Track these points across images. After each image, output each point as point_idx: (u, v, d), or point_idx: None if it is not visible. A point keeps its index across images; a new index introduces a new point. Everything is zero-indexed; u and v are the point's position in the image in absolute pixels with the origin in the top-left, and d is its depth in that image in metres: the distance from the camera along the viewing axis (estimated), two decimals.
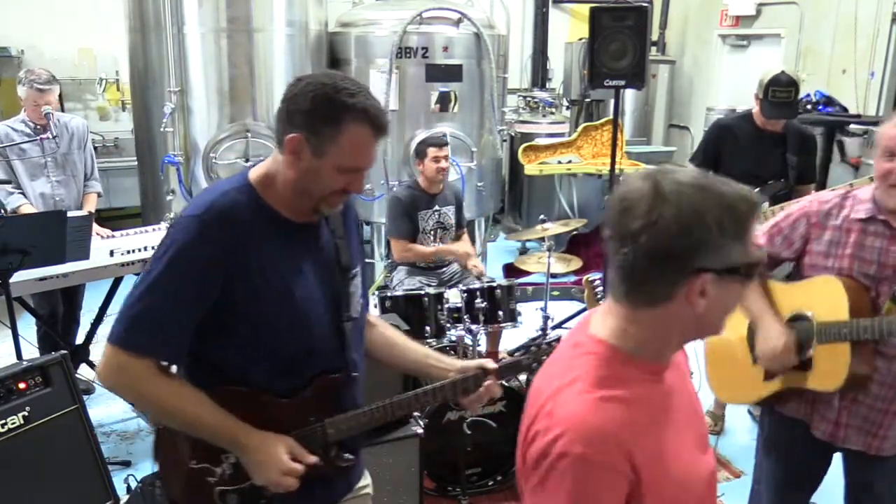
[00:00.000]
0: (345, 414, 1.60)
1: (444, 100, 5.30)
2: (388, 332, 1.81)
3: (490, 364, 1.72)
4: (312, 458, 1.51)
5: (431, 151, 3.87)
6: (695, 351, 4.04)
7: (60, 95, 6.44)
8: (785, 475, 2.22)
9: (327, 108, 1.40)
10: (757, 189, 3.39)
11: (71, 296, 3.87)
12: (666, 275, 1.03)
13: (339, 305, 1.59)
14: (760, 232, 2.05)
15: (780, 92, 3.24)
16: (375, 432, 1.85)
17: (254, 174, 1.52)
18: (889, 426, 1.96)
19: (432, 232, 4.01)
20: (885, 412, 1.95)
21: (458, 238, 4.14)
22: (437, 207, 4.00)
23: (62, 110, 6.43)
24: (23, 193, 3.70)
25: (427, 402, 1.71)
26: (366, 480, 1.82)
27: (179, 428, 1.51)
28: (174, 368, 1.53)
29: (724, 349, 2.22)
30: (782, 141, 3.40)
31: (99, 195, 4.07)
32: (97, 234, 3.70)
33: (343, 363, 1.60)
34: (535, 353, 1.80)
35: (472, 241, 5.55)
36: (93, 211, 3.85)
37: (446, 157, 3.92)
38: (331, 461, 1.59)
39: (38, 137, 3.69)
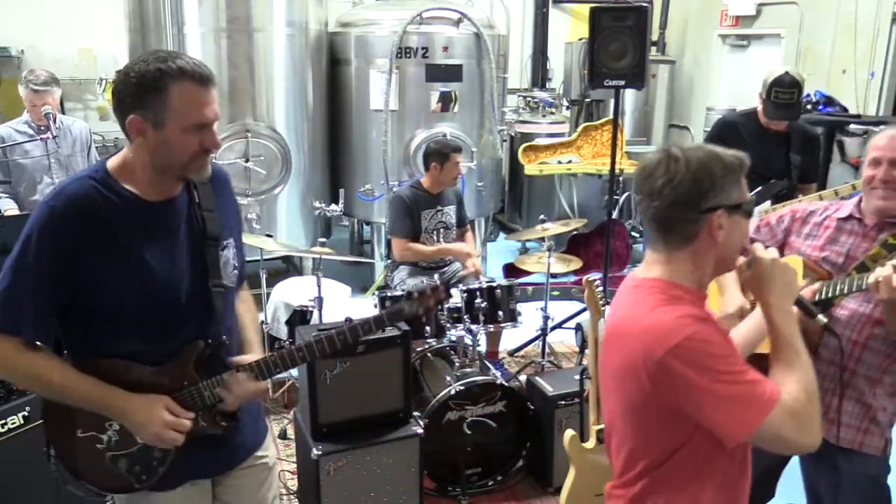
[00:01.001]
0: (215, 377, 1.66)
1: (445, 100, 5.30)
2: (240, 307, 1.84)
3: (245, 360, 1.71)
4: (189, 414, 1.60)
5: (455, 157, 3.91)
6: None
7: (61, 95, 6.51)
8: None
9: (147, 81, 1.47)
10: (760, 188, 3.40)
11: None
12: (690, 217, 1.34)
13: (205, 274, 1.66)
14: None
15: (783, 93, 3.25)
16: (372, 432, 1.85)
17: (111, 162, 1.60)
18: (839, 409, 1.95)
19: (434, 231, 4.01)
20: (832, 392, 1.95)
21: (461, 235, 4.14)
22: (439, 207, 4.01)
23: (62, 111, 6.46)
24: (12, 197, 3.69)
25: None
26: (266, 451, 1.87)
27: (55, 399, 1.58)
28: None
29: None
30: (786, 140, 3.40)
31: None
32: None
33: (211, 330, 1.67)
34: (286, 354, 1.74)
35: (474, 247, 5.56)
36: None
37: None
38: (214, 422, 1.67)
39: (38, 137, 3.70)
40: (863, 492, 2.03)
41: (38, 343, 1.56)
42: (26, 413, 2.38)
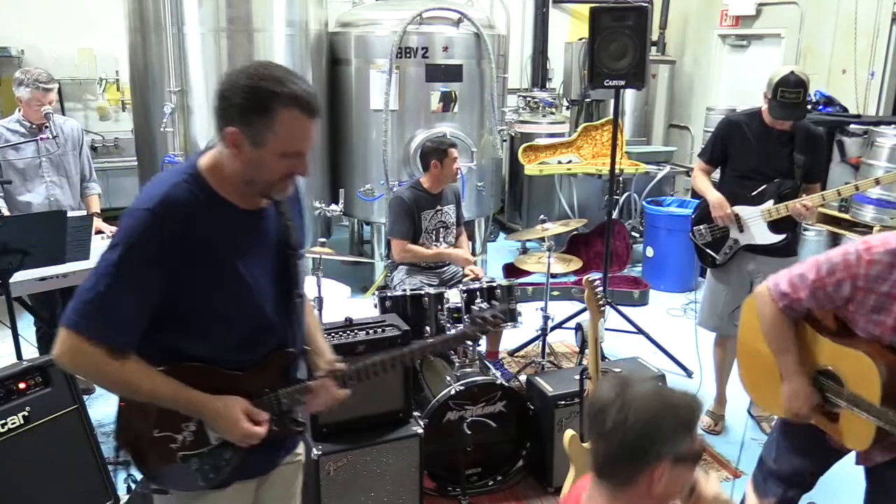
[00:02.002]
0: (294, 385, 1.71)
1: (446, 99, 5.30)
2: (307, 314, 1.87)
3: (337, 366, 1.79)
4: (265, 415, 1.63)
5: (452, 152, 3.90)
6: (696, 347, 4.01)
7: (60, 95, 6.50)
8: (804, 445, 2.20)
9: (257, 100, 1.46)
10: (763, 187, 3.39)
11: (69, 296, 3.86)
12: (634, 462, 1.33)
13: (288, 284, 1.69)
14: (803, 285, 1.96)
15: (788, 93, 3.23)
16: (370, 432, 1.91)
17: (203, 163, 1.57)
18: None
19: (434, 231, 4.01)
20: None
21: (457, 237, 4.14)
22: (439, 207, 4.01)
23: (62, 111, 6.46)
24: (1, 197, 3.68)
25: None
26: (300, 448, 1.93)
27: (143, 401, 1.57)
28: None
29: (760, 362, 2.19)
30: (790, 139, 3.39)
31: (99, 196, 4.08)
32: (102, 232, 3.71)
33: (291, 337, 1.72)
34: (372, 364, 1.80)
35: (472, 240, 5.56)
36: (98, 212, 3.85)
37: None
38: (285, 427, 1.72)
39: (37, 138, 3.69)
40: None
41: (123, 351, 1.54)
42: (26, 413, 2.38)
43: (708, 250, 3.57)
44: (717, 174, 3.68)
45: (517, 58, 7.94)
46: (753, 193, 3.41)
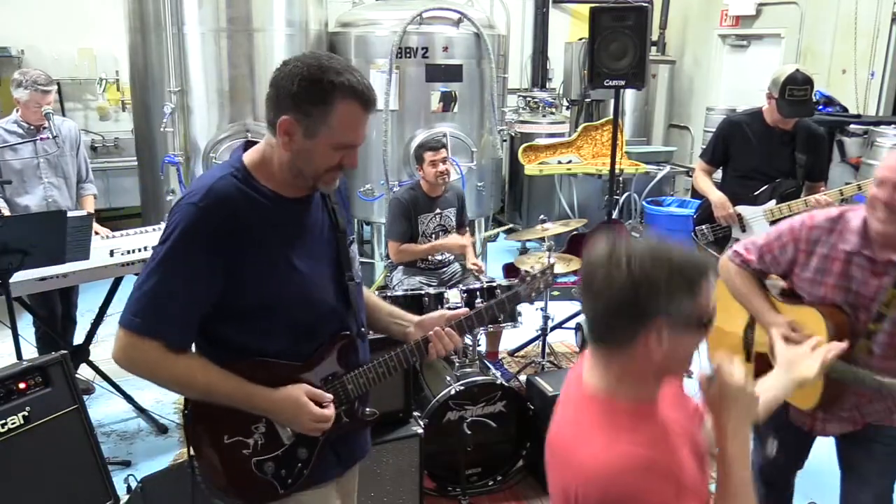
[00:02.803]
0: (358, 370, 1.68)
1: (446, 99, 5.30)
2: (370, 297, 1.89)
3: (448, 314, 1.81)
4: (329, 396, 1.60)
5: (428, 156, 3.83)
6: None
7: (60, 95, 6.51)
8: (773, 426, 2.25)
9: (315, 90, 1.44)
10: (765, 186, 3.40)
11: (67, 296, 3.86)
12: (626, 324, 1.20)
13: (342, 268, 1.68)
14: (753, 247, 2.15)
15: (797, 90, 3.26)
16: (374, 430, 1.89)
17: (248, 157, 1.58)
18: (868, 413, 2.06)
19: (433, 235, 4.00)
20: (858, 405, 2.06)
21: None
22: (438, 210, 3.99)
23: (62, 111, 6.46)
24: (1, 197, 3.67)
25: (412, 356, 1.77)
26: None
27: (201, 399, 1.55)
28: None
29: (723, 336, 2.31)
30: (791, 139, 3.41)
31: (95, 197, 4.07)
32: (97, 233, 3.69)
33: (352, 322, 1.69)
34: (494, 306, 1.87)
35: (473, 244, 5.55)
36: (92, 212, 3.84)
37: (444, 160, 3.84)
38: (357, 417, 1.69)
39: (35, 138, 3.68)
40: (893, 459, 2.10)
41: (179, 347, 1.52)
42: (26, 413, 2.38)
43: (710, 250, 3.57)
44: (718, 174, 3.69)
45: (517, 58, 7.95)
46: (756, 193, 3.42)
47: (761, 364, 2.18)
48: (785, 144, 3.41)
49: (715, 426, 1.34)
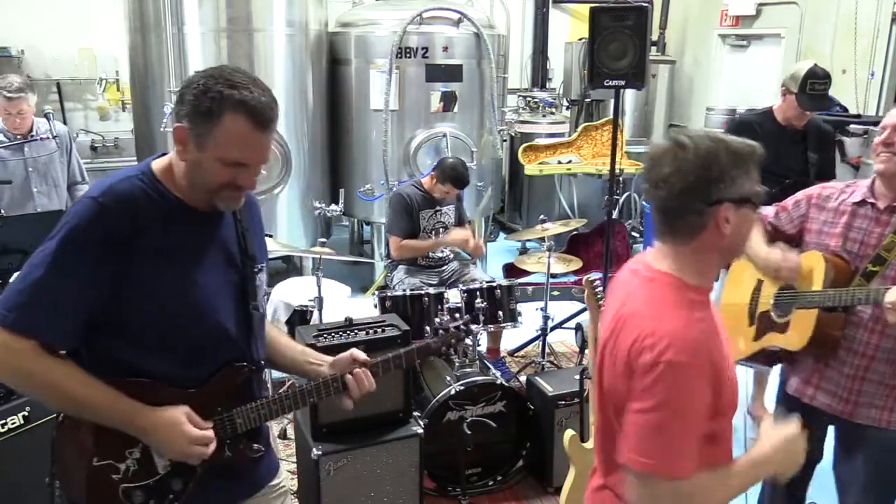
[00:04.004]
0: (250, 404, 1.58)
1: (447, 99, 5.30)
2: (271, 330, 1.78)
3: (360, 355, 1.71)
4: (208, 424, 1.50)
5: (445, 186, 3.91)
6: None
7: (60, 95, 6.50)
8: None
9: (205, 101, 1.40)
10: (779, 187, 3.39)
11: None
12: (696, 207, 1.30)
13: (246, 295, 1.58)
14: (770, 208, 2.30)
15: (818, 84, 3.27)
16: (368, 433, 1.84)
17: (157, 163, 1.52)
18: (859, 392, 2.06)
19: (433, 232, 4.01)
20: (853, 377, 2.06)
21: None
22: (438, 207, 4.02)
23: (62, 111, 6.46)
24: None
25: (306, 399, 1.67)
26: (279, 478, 1.77)
27: (71, 412, 1.45)
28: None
29: (731, 310, 2.40)
30: (802, 138, 3.41)
31: None
32: None
33: (249, 353, 1.60)
34: (401, 355, 1.78)
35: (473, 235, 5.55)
36: None
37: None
38: (241, 452, 1.58)
39: (39, 137, 3.67)
40: (885, 465, 2.09)
41: (53, 348, 1.42)
42: (26, 413, 2.38)
43: None
44: None
45: (517, 58, 7.95)
46: (770, 193, 3.41)
47: (763, 322, 2.28)
48: (796, 143, 3.40)
49: (761, 454, 1.41)
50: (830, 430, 2.24)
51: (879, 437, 2.05)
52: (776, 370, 2.42)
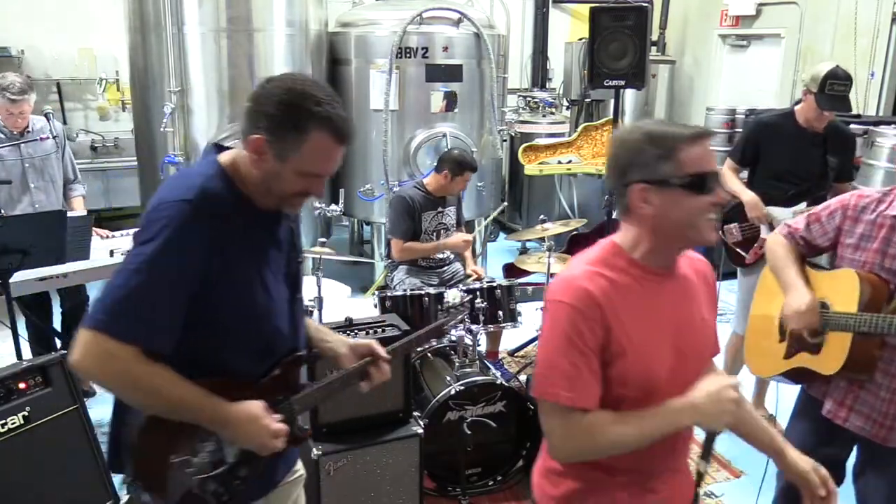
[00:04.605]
0: (305, 390, 1.66)
1: (449, 99, 5.31)
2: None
3: (381, 352, 1.77)
4: (278, 417, 1.55)
5: (468, 175, 3.93)
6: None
7: (60, 95, 6.51)
8: (804, 441, 2.22)
9: (292, 115, 1.42)
10: (797, 188, 3.37)
11: (75, 294, 3.84)
12: (618, 189, 1.45)
13: (295, 287, 1.66)
14: (801, 218, 2.21)
15: (838, 85, 3.21)
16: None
17: (224, 162, 1.53)
18: (895, 416, 1.99)
19: (435, 233, 4.01)
20: (889, 401, 1.99)
21: None
22: (440, 209, 4.02)
23: (62, 111, 6.46)
24: None
25: (352, 380, 1.75)
26: (299, 464, 1.88)
27: (164, 413, 1.47)
28: None
29: (761, 322, 2.35)
30: (822, 140, 3.36)
31: (84, 197, 4.04)
32: (96, 234, 3.69)
33: (299, 342, 1.67)
34: (418, 337, 1.95)
35: (473, 252, 5.56)
36: (85, 212, 3.82)
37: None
38: (295, 435, 1.65)
39: (39, 137, 3.67)
40: None
41: (157, 354, 1.43)
42: (26, 413, 2.38)
43: (738, 249, 3.59)
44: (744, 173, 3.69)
45: (517, 58, 7.95)
46: (789, 195, 3.39)
47: (795, 340, 2.19)
48: (816, 146, 3.36)
49: (683, 401, 1.38)
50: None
51: None
52: None
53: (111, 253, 3.46)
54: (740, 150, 3.60)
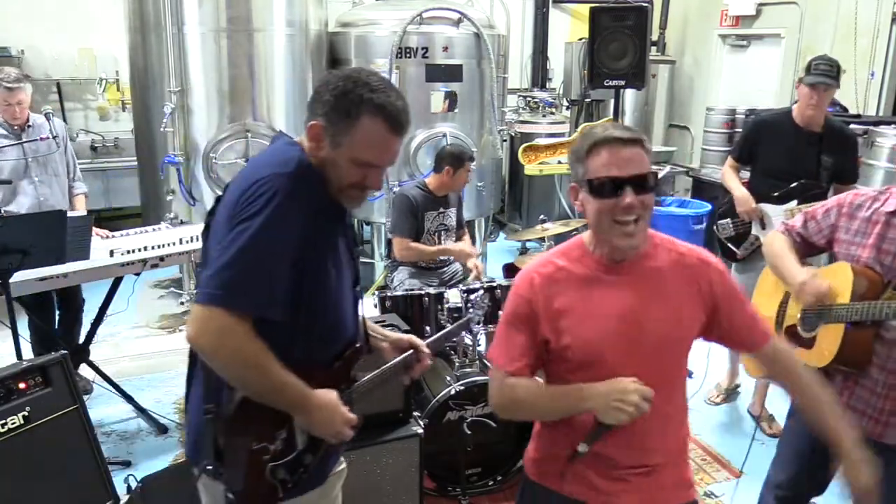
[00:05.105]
0: (360, 381, 1.71)
1: (451, 99, 5.31)
2: None
3: (421, 345, 1.88)
4: (345, 408, 1.60)
5: (469, 165, 3.93)
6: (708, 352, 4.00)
7: (60, 95, 6.51)
8: (798, 456, 2.25)
9: (345, 101, 1.46)
10: (789, 186, 3.40)
11: (70, 296, 3.85)
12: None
13: (356, 280, 1.70)
14: (799, 215, 2.24)
15: (822, 64, 3.28)
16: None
17: (306, 148, 1.54)
18: (891, 412, 1.98)
19: (436, 233, 4.01)
20: (885, 397, 1.99)
21: (459, 238, 4.14)
22: (441, 209, 4.01)
23: (62, 111, 6.46)
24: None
25: (400, 372, 1.87)
26: (342, 459, 1.90)
27: (263, 392, 1.47)
28: None
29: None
30: (819, 140, 3.38)
31: (85, 196, 4.05)
32: (96, 234, 3.69)
33: (357, 333, 1.71)
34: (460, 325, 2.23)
35: (473, 240, 5.56)
36: (85, 212, 3.83)
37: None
38: (355, 425, 1.68)
39: (39, 137, 3.67)
40: None
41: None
42: (26, 413, 2.38)
43: (730, 244, 3.62)
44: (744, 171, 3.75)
45: (517, 58, 7.94)
46: (778, 193, 3.42)
47: (789, 338, 2.21)
48: (812, 145, 3.38)
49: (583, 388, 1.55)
50: None
51: None
52: None
53: (111, 253, 3.45)
54: (739, 148, 3.67)
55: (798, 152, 3.39)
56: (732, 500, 3.09)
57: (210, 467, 1.51)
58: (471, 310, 2.92)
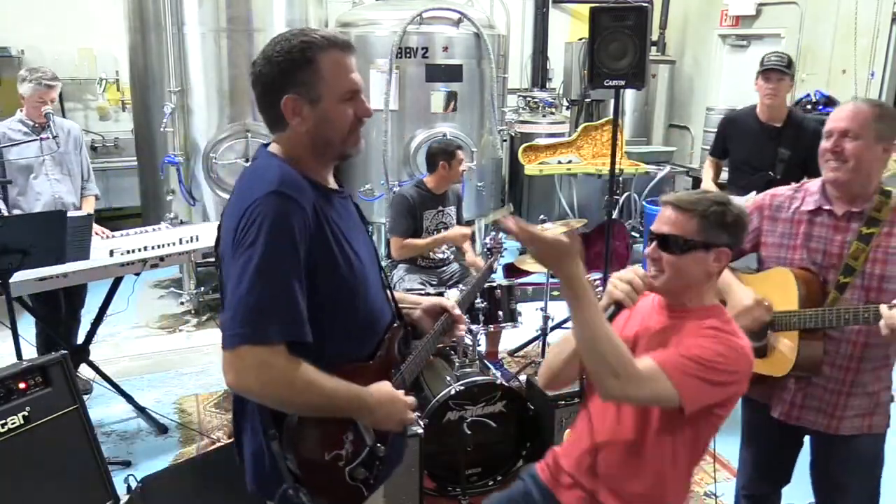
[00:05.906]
0: (408, 359, 1.70)
1: (451, 99, 5.31)
2: None
3: (451, 306, 1.87)
4: (400, 392, 1.59)
5: (459, 154, 3.95)
6: None
7: (61, 95, 6.49)
8: (755, 457, 2.34)
9: (295, 58, 1.44)
10: (750, 178, 3.57)
11: (72, 295, 3.85)
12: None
13: (378, 259, 1.68)
14: None
15: (773, 56, 3.57)
16: None
17: (277, 152, 1.52)
18: (845, 406, 2.04)
19: (435, 231, 4.02)
20: (839, 392, 2.04)
21: None
22: (440, 208, 4.02)
23: (62, 111, 6.45)
24: (4, 199, 3.68)
25: (434, 346, 1.83)
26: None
27: (318, 409, 1.45)
28: None
29: None
30: (778, 134, 3.58)
31: (97, 198, 4.08)
32: (96, 233, 3.70)
33: (391, 312, 1.69)
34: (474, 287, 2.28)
35: (473, 241, 5.56)
36: (91, 212, 3.84)
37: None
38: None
39: (38, 138, 3.68)
40: (869, 465, 2.10)
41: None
42: (26, 413, 2.38)
43: None
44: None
45: (517, 58, 7.94)
46: (744, 184, 3.60)
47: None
48: (772, 139, 3.58)
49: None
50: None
51: (860, 442, 2.05)
52: None
53: (111, 253, 3.45)
54: (713, 145, 3.97)
55: (758, 146, 3.61)
56: (732, 500, 3.09)
57: (291, 491, 1.47)
58: (490, 257, 3.03)
